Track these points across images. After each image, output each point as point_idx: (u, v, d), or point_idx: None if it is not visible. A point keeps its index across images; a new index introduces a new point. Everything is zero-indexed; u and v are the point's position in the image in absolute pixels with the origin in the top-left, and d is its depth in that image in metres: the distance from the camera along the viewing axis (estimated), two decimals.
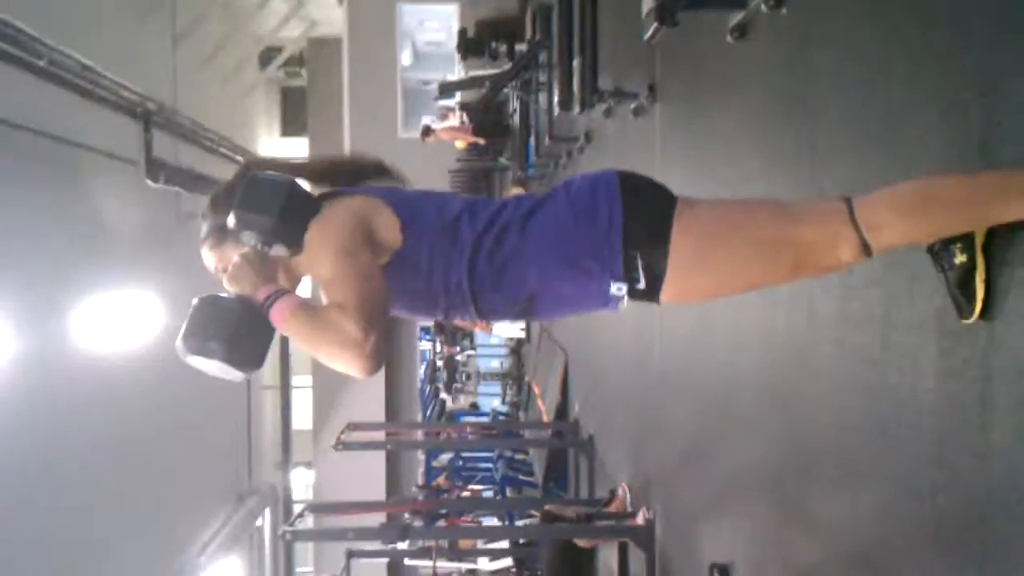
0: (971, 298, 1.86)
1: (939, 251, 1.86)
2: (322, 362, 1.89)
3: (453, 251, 1.98)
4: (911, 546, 2.22)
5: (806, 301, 2.80)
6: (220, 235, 2.07)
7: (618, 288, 1.93)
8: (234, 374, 1.90)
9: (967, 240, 1.82)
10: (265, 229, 1.92)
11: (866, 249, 1.78)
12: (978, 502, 1.92)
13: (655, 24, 3.35)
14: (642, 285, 1.92)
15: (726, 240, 1.89)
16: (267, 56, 19.10)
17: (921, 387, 2.13)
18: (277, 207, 1.91)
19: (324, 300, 1.92)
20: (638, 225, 1.91)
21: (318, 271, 1.95)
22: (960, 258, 1.85)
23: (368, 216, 1.98)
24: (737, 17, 3.28)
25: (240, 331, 1.85)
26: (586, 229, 1.94)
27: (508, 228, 1.99)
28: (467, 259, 1.98)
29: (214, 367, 1.87)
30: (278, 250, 1.97)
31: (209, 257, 2.12)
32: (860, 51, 2.45)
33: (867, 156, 2.39)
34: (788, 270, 1.91)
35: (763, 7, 3.01)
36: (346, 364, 1.84)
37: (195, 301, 1.88)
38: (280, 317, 1.87)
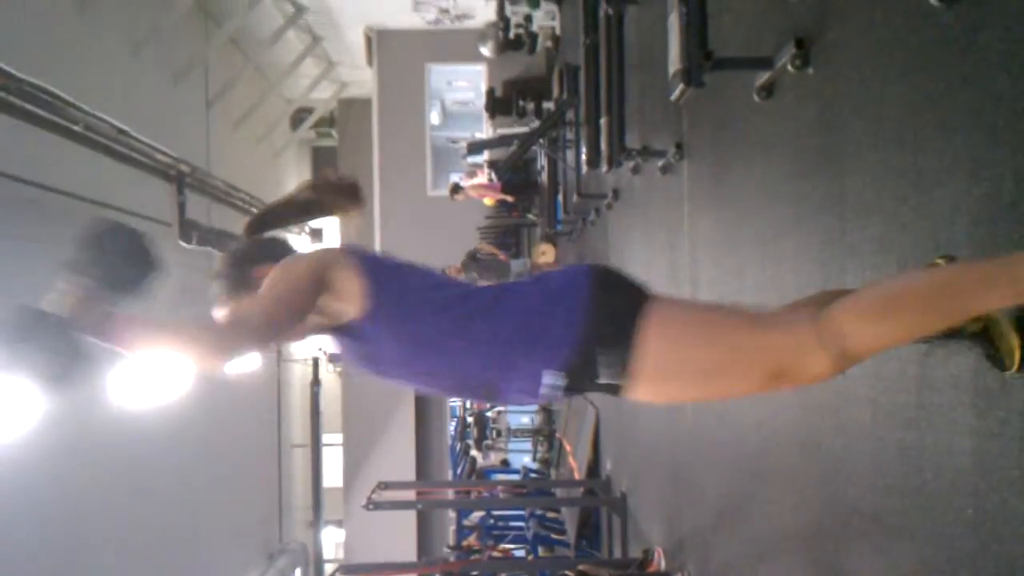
0: (1008, 351, 1.84)
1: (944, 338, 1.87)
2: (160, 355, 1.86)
3: (418, 322, 2.00)
4: None
5: None
6: (245, 288, 2.15)
7: (554, 378, 1.93)
8: (44, 388, 1.85)
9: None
10: (99, 274, 1.92)
11: (841, 359, 1.75)
12: (1018, 565, 1.89)
13: (682, 85, 3.38)
14: (605, 379, 1.91)
15: (696, 342, 1.87)
16: (298, 117, 19.39)
17: (958, 447, 2.10)
18: (114, 256, 1.96)
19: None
20: (602, 319, 1.90)
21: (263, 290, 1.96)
22: (972, 327, 1.84)
23: (328, 264, 1.99)
24: (763, 77, 3.30)
25: (57, 344, 1.81)
26: (547, 319, 1.94)
27: (476, 311, 1.99)
28: (431, 332, 1.99)
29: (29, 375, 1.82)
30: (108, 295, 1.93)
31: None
32: (888, 110, 2.46)
33: (896, 214, 2.39)
34: (761, 378, 1.86)
35: (789, 67, 3.02)
36: (185, 349, 1.82)
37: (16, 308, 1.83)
38: (121, 326, 1.84)
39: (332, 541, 19.69)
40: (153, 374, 9.29)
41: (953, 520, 2.13)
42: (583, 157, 6.42)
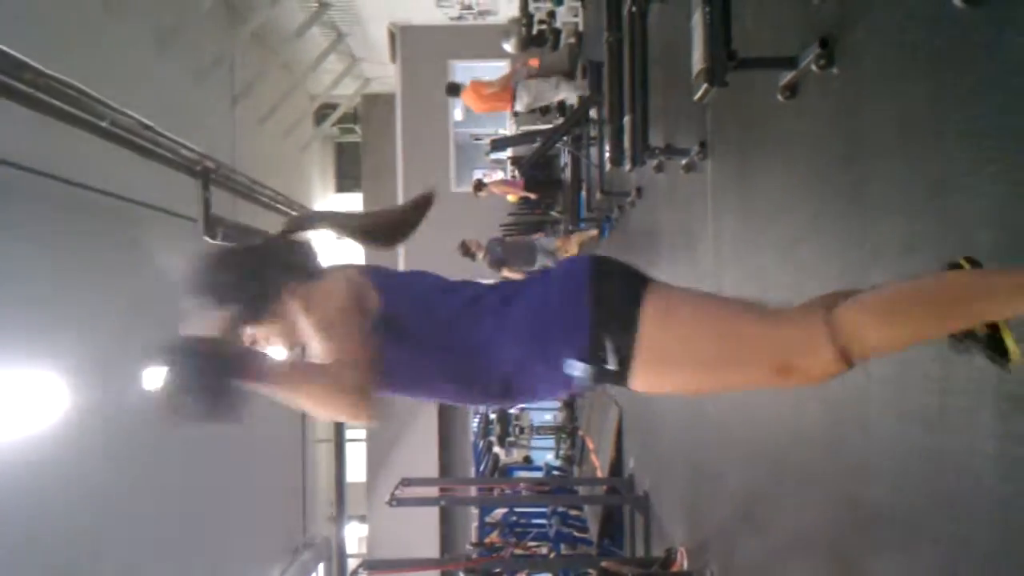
0: (1003, 351, 1.83)
1: (961, 336, 1.85)
2: (312, 412, 1.92)
3: (432, 333, 2.01)
4: None
5: (859, 362, 2.77)
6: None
7: (579, 368, 1.93)
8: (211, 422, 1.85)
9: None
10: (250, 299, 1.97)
11: (846, 356, 1.75)
12: None
13: (705, 84, 3.37)
14: (611, 366, 1.90)
15: (697, 329, 1.86)
16: (322, 113, 19.47)
17: (979, 451, 2.09)
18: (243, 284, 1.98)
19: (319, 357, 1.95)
20: (605, 307, 1.91)
21: (315, 329, 1.96)
22: (983, 330, 1.83)
23: (357, 281, 2.03)
24: (787, 77, 3.29)
25: (219, 379, 1.81)
26: (558, 312, 1.95)
27: (485, 309, 2.02)
28: (446, 341, 2.01)
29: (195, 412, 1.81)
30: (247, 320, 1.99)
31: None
32: (912, 112, 2.45)
33: (919, 215, 2.38)
34: (766, 373, 1.85)
35: (814, 67, 3.01)
36: (336, 408, 1.87)
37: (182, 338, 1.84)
38: (264, 370, 1.85)
39: (355, 536, 19.78)
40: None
41: (975, 523, 2.13)
42: (606, 155, 6.41)
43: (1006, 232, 1.97)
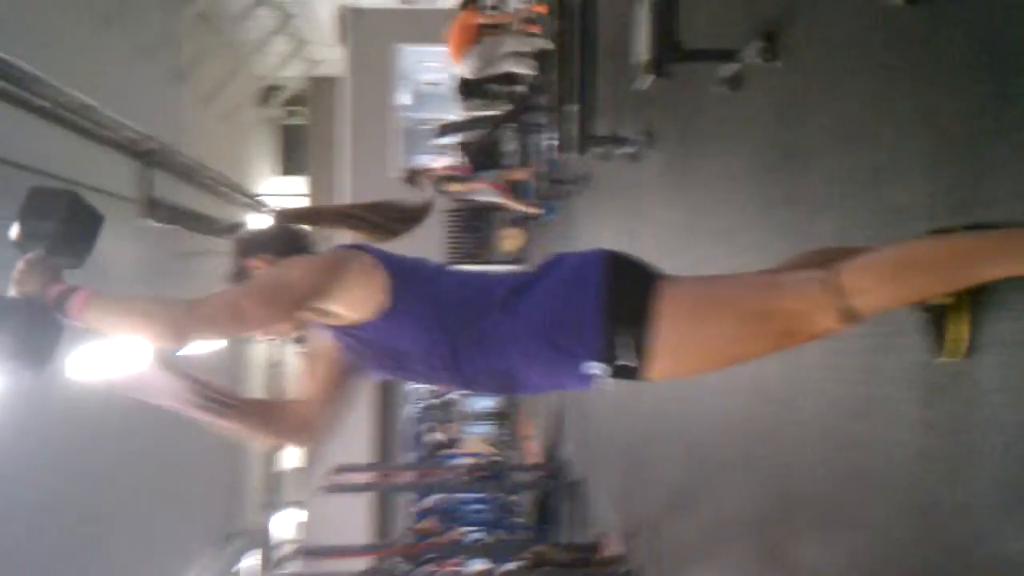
0: (953, 339, 1.89)
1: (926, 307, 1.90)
2: (124, 334, 1.89)
3: (439, 317, 2.01)
4: None
5: (793, 350, 2.82)
6: (237, 278, 2.13)
7: (597, 368, 1.95)
8: (21, 370, 1.88)
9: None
10: (50, 236, 1.96)
11: (848, 316, 1.79)
12: (959, 553, 1.94)
13: (648, 75, 3.40)
14: (628, 363, 1.94)
15: (710, 315, 1.90)
16: (268, 95, 19.24)
17: (902, 439, 2.15)
18: (60, 217, 1.98)
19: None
20: (620, 305, 1.93)
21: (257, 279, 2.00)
22: (941, 300, 1.89)
23: (344, 263, 2.01)
24: (732, 69, 3.33)
25: (28, 328, 1.84)
26: (570, 310, 1.96)
27: (494, 303, 2.01)
28: (452, 327, 2.01)
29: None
30: (61, 261, 1.98)
31: None
32: (850, 107, 2.50)
33: (853, 208, 2.43)
34: (774, 340, 1.91)
35: (758, 60, 3.05)
36: (146, 328, 1.84)
37: None
38: (80, 304, 1.88)
39: (295, 522, 19.66)
40: (105, 353, 9.23)
41: (896, 510, 2.18)
42: (553, 142, 6.43)
43: (935, 228, 2.02)
